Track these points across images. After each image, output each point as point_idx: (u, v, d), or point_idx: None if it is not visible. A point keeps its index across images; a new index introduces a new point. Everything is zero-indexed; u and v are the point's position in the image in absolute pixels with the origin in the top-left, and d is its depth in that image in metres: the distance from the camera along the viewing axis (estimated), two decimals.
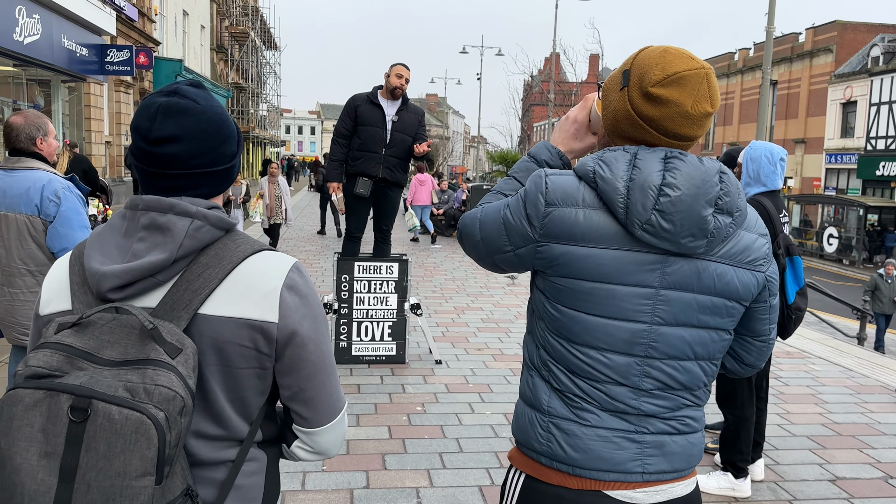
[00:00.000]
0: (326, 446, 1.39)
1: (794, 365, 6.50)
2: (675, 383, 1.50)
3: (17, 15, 11.57)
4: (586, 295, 1.44)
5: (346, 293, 5.87)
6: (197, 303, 1.20)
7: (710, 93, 1.45)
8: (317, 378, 1.32)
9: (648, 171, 1.41)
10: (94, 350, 1.14)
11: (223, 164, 1.31)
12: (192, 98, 1.26)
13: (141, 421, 1.06)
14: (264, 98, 48.12)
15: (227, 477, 1.27)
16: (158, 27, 26.06)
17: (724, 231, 1.45)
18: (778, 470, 4.16)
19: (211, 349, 1.22)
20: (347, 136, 5.94)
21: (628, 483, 1.49)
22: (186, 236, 1.21)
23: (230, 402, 1.26)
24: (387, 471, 3.92)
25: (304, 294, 1.30)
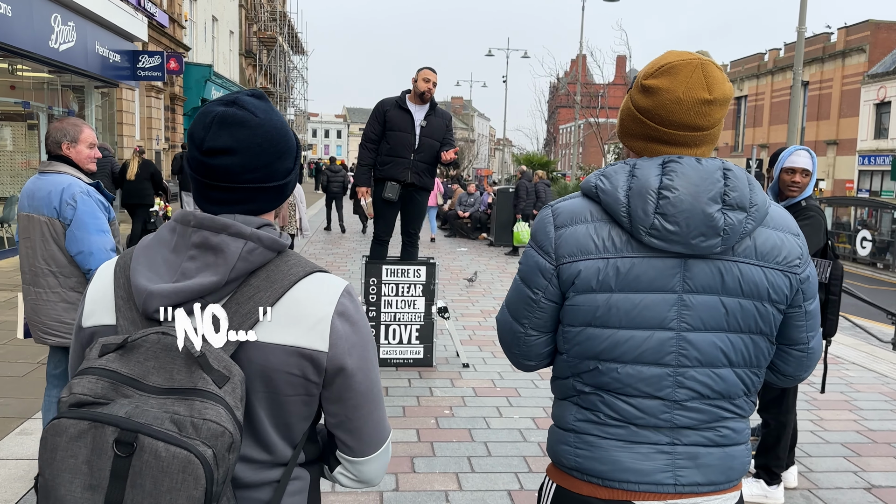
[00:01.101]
0: (370, 476, 1.37)
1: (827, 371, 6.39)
2: (711, 392, 1.47)
3: (52, 23, 11.82)
4: (608, 308, 1.44)
5: (373, 296, 5.90)
6: (246, 328, 1.16)
7: (706, 81, 1.44)
8: (364, 408, 1.29)
9: (646, 178, 1.43)
10: (139, 377, 1.10)
11: (278, 181, 1.26)
12: (250, 110, 1.22)
13: (189, 460, 1.02)
14: (292, 102, 48.56)
15: (272, 497, 1.25)
16: (188, 33, 26.45)
17: (740, 228, 1.41)
18: (812, 477, 4.09)
19: (259, 376, 1.18)
20: (376, 141, 5.97)
21: (659, 494, 1.47)
22: (240, 259, 1.17)
23: (275, 428, 1.23)
24: (416, 474, 3.94)
25: (356, 321, 1.26)
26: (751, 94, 43.46)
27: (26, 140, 12.60)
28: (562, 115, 63.74)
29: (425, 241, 16.00)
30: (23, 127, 12.57)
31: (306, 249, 13.47)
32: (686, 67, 1.44)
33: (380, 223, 6.19)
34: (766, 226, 1.47)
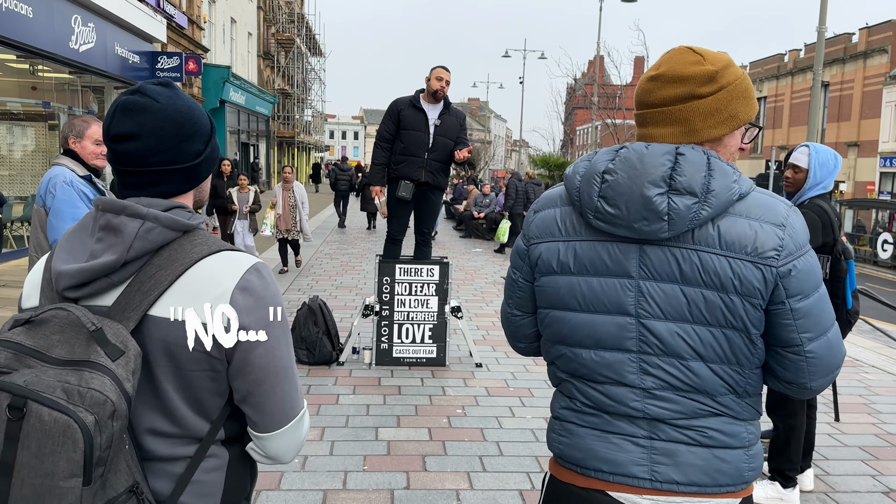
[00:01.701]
0: (275, 452, 1.36)
1: (845, 373, 6.31)
2: (683, 384, 1.42)
3: (73, 24, 11.96)
4: (569, 290, 1.48)
5: (387, 295, 5.90)
6: (146, 304, 1.21)
7: (660, 61, 1.49)
8: (265, 383, 1.29)
9: (597, 162, 1.47)
10: (43, 349, 1.16)
11: (185, 163, 1.30)
12: (152, 96, 1.27)
13: (68, 424, 1.08)
14: (309, 104, 48.77)
15: (184, 472, 1.28)
16: (207, 34, 26.65)
17: (688, 213, 1.36)
18: (828, 481, 4.04)
19: (161, 351, 1.23)
20: (390, 140, 5.98)
21: (633, 487, 1.46)
22: (137, 238, 1.22)
23: (186, 402, 1.27)
24: (427, 472, 3.93)
25: (261, 296, 1.27)
26: (770, 96, 43.05)
27: (47, 140, 12.76)
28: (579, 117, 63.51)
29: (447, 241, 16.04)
30: (44, 127, 12.73)
31: (322, 249, 13.52)
32: (666, 54, 1.50)
33: (393, 222, 6.19)
34: (738, 214, 1.39)
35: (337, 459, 4.04)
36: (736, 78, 1.47)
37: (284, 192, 10.29)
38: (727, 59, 1.48)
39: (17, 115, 12.18)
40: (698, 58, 1.46)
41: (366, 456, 4.10)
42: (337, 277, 10.35)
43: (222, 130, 27.96)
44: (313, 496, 3.59)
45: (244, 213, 10.14)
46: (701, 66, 1.44)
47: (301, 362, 5.84)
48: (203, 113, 1.35)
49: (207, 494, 1.32)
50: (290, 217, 10.16)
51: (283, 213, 10.15)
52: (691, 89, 1.44)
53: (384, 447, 4.24)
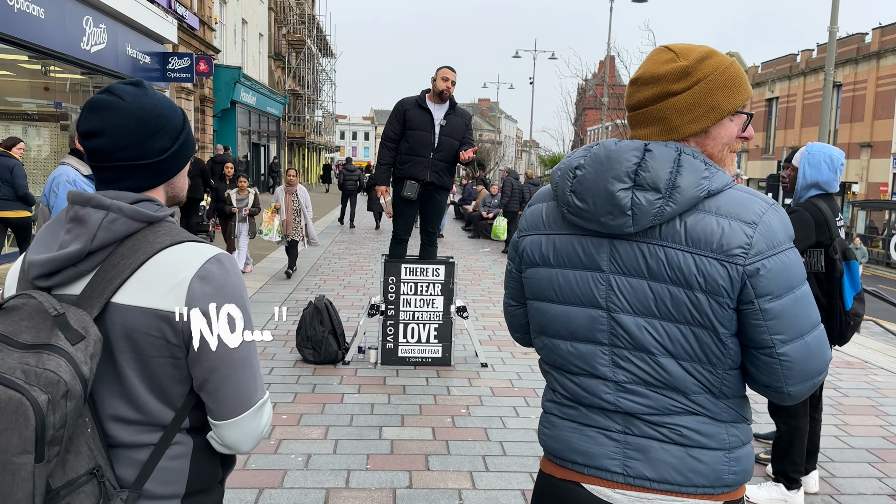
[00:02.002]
0: (232, 441, 1.37)
1: (854, 375, 6.27)
2: (654, 380, 1.42)
3: (84, 25, 12.04)
4: (549, 282, 1.52)
5: (392, 295, 5.91)
6: (109, 292, 1.26)
7: (642, 64, 1.52)
8: (220, 371, 1.32)
9: (572, 158, 1.50)
10: (11, 333, 1.21)
11: (150, 158, 1.35)
12: (118, 95, 1.33)
13: (21, 402, 1.13)
14: (320, 104, 48.90)
15: (148, 459, 1.31)
16: (218, 35, 26.77)
17: (651, 208, 1.36)
18: (834, 483, 4.01)
19: (122, 337, 1.27)
20: (395, 140, 5.98)
21: (606, 481, 1.47)
22: (100, 228, 1.27)
23: (149, 389, 1.30)
24: (430, 471, 3.93)
25: (219, 285, 1.31)
26: (782, 96, 42.77)
27: (59, 140, 12.85)
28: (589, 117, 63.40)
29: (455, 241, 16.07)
30: (56, 127, 12.82)
31: (330, 249, 13.56)
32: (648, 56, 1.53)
33: (399, 222, 6.20)
34: (707, 211, 1.37)
35: (340, 458, 4.05)
36: (714, 69, 1.45)
37: (288, 195, 9.78)
38: (704, 52, 1.46)
39: (30, 115, 12.29)
40: (671, 55, 1.46)
41: (369, 455, 4.11)
42: (345, 277, 10.37)
43: (233, 131, 28.08)
44: (316, 494, 3.60)
45: (243, 215, 9.85)
46: (673, 63, 1.44)
47: (307, 361, 5.86)
48: (174, 111, 1.39)
49: (172, 482, 1.34)
50: (292, 221, 9.80)
51: (287, 217, 9.73)
52: (664, 88, 1.44)
53: (388, 446, 4.25)
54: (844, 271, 3.53)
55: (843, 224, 3.76)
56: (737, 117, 1.50)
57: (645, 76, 1.47)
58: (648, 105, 1.47)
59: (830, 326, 3.57)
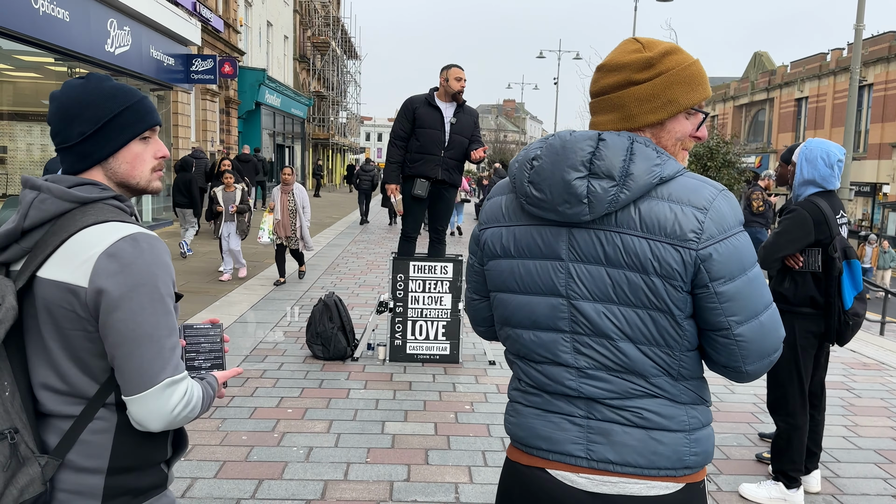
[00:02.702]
0: (140, 417, 1.40)
1: (869, 377, 6.17)
2: (614, 364, 1.44)
3: (108, 27, 12.28)
4: (510, 274, 1.54)
5: (401, 292, 5.95)
6: (34, 266, 1.37)
7: (611, 52, 1.55)
8: (124, 347, 1.36)
9: (529, 149, 1.53)
10: None
11: (71, 142, 1.47)
12: (61, 88, 1.49)
13: None
14: (345, 106, 49.21)
15: (69, 429, 1.39)
16: (243, 37, 27.09)
17: (606, 196, 1.39)
18: (837, 483, 3.96)
19: (44, 309, 1.38)
20: (405, 139, 6.02)
21: (570, 466, 1.49)
22: (31, 207, 1.40)
23: (71, 361, 1.39)
24: (428, 465, 3.96)
25: (127, 262, 1.36)
26: (812, 96, 42.09)
27: None
28: None
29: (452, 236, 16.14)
30: None
31: (349, 249, 13.66)
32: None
33: (408, 220, 6.24)
34: (660, 198, 1.40)
35: (341, 451, 4.10)
36: (677, 65, 1.48)
37: (283, 195, 9.06)
38: (670, 47, 1.49)
39: None
40: (638, 46, 1.49)
41: (370, 448, 4.15)
42: (361, 276, 10.45)
43: (258, 132, 28.38)
44: (314, 486, 3.65)
45: (230, 213, 9.32)
46: (639, 53, 1.48)
47: (316, 357, 5.93)
48: (111, 99, 1.47)
49: (94, 455, 1.40)
50: (289, 223, 9.08)
51: (282, 218, 9.06)
52: (627, 76, 1.47)
53: (389, 441, 4.29)
54: (844, 270, 3.50)
55: (847, 222, 3.71)
56: (693, 116, 1.53)
57: (610, 64, 1.50)
58: (611, 92, 1.50)
59: (828, 326, 3.54)
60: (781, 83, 44.01)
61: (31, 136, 11.80)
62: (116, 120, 1.48)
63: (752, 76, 47.39)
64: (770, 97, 45.45)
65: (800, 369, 3.63)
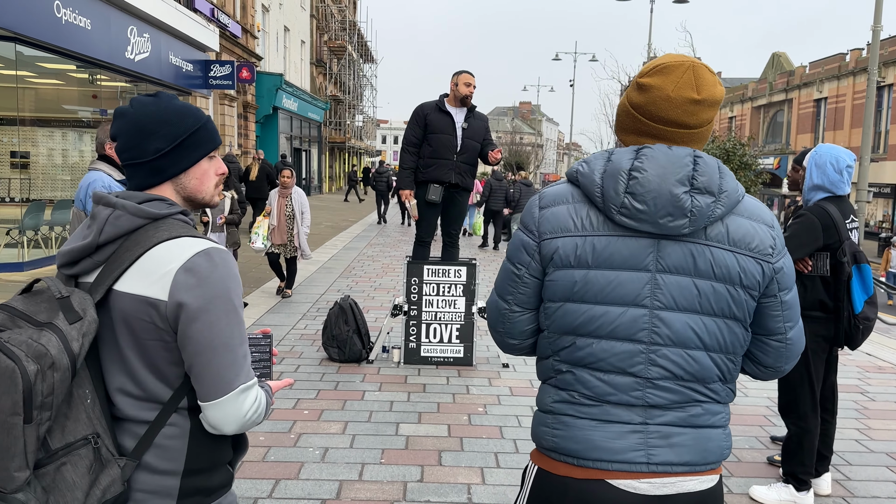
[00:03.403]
0: (215, 421, 1.48)
1: (884, 380, 6.16)
2: (684, 373, 1.51)
3: (128, 34, 12.49)
4: (585, 284, 1.52)
5: (415, 296, 6.03)
6: (110, 280, 1.44)
7: (696, 82, 1.52)
8: (203, 355, 1.44)
9: (619, 160, 1.52)
10: (32, 313, 1.39)
11: (145, 158, 1.52)
12: (133, 104, 1.54)
13: (12, 369, 1.29)
14: (361, 109, 49.46)
15: (146, 432, 1.46)
16: (261, 43, 27.34)
17: (708, 211, 1.47)
18: (848, 486, 3.98)
19: (121, 321, 1.44)
20: (417, 145, 6.10)
21: (632, 473, 1.51)
22: (107, 223, 1.46)
23: (147, 368, 1.46)
24: (441, 466, 4.03)
25: (204, 276, 1.43)
26: (831, 97, 41.73)
27: None
28: None
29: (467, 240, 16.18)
30: None
31: (365, 252, 13.76)
32: (678, 68, 1.53)
33: (422, 225, 6.31)
34: (740, 214, 1.53)
35: (356, 452, 4.18)
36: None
37: (281, 199, 8.52)
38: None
39: (84, 122, 12.79)
40: (715, 78, 1.55)
41: (384, 450, 4.23)
42: (376, 279, 10.54)
43: (275, 136, 28.62)
44: (329, 486, 3.73)
45: (218, 224, 7.83)
46: (719, 86, 1.54)
47: (332, 359, 6.02)
48: (183, 118, 1.53)
49: (170, 458, 1.48)
50: (286, 229, 8.50)
51: (279, 223, 8.48)
52: (717, 111, 1.57)
53: (403, 442, 4.36)
54: (854, 274, 3.52)
55: (857, 227, 3.74)
56: None
57: (710, 99, 1.53)
58: (705, 125, 1.56)
59: (838, 329, 3.57)
60: (800, 84, 43.63)
61: (53, 142, 12.03)
62: (191, 138, 1.56)
63: (770, 77, 47.03)
64: (788, 98, 45.07)
65: (811, 373, 3.66)
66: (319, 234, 17.02)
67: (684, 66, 1.53)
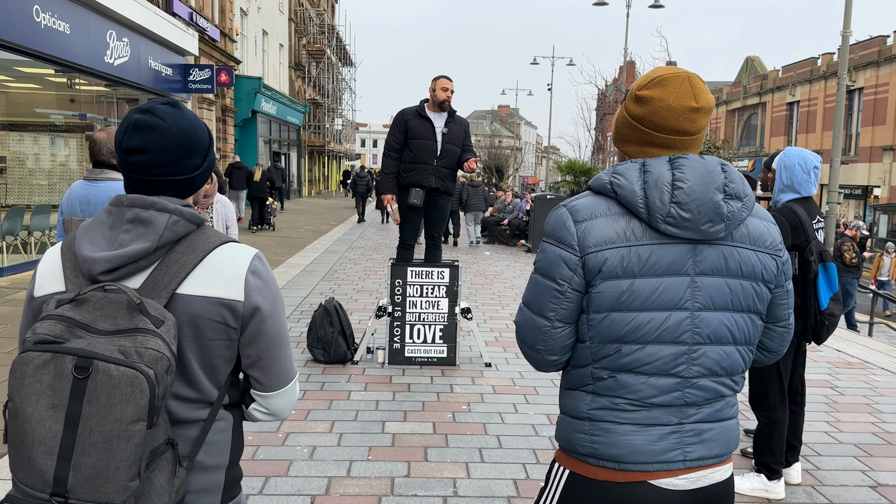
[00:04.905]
0: (278, 409, 1.62)
1: (853, 375, 6.37)
2: (720, 368, 1.63)
3: (108, 39, 12.46)
4: (631, 293, 1.57)
5: (399, 297, 6.13)
6: (175, 284, 1.43)
7: (693, 91, 1.63)
8: (273, 349, 1.55)
9: (659, 172, 1.59)
10: (90, 322, 1.34)
11: (186, 174, 1.52)
12: (160, 116, 1.48)
13: (136, 376, 1.28)
14: (340, 113, 49.41)
15: (199, 434, 1.50)
16: (239, 46, 27.27)
17: (739, 215, 1.60)
18: (818, 475, 4.15)
19: (187, 323, 1.44)
20: (398, 150, 6.21)
21: (671, 472, 1.62)
22: (166, 229, 1.44)
23: (203, 370, 1.49)
24: (427, 462, 4.14)
25: (265, 278, 1.54)
26: (803, 100, 42.49)
27: (83, 151, 13.27)
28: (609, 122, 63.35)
29: (464, 245, 16.29)
30: (80, 138, 13.25)
31: (347, 255, 13.83)
32: (675, 80, 1.64)
33: (405, 228, 6.43)
34: (754, 215, 1.68)
35: (344, 450, 4.27)
36: None
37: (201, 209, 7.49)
38: None
39: (58, 126, 12.73)
40: (706, 86, 1.68)
41: (371, 447, 4.33)
42: (359, 282, 10.62)
43: (254, 140, 28.55)
44: (318, 482, 3.83)
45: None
46: (710, 94, 1.67)
47: (317, 361, 6.10)
48: (204, 130, 1.57)
49: (219, 453, 1.55)
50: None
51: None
52: (710, 117, 1.70)
53: (389, 439, 4.46)
54: (820, 273, 3.70)
55: (822, 227, 3.92)
56: None
57: (707, 106, 1.63)
58: (702, 131, 1.67)
59: (805, 325, 3.74)
60: (773, 87, 44.37)
61: (31, 146, 11.96)
62: (211, 151, 1.59)
63: (744, 80, 47.75)
64: (762, 101, 45.80)
65: (779, 367, 3.82)
66: (300, 237, 17.05)
67: (680, 77, 1.63)
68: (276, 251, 14.08)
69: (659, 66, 1.74)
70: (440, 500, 3.67)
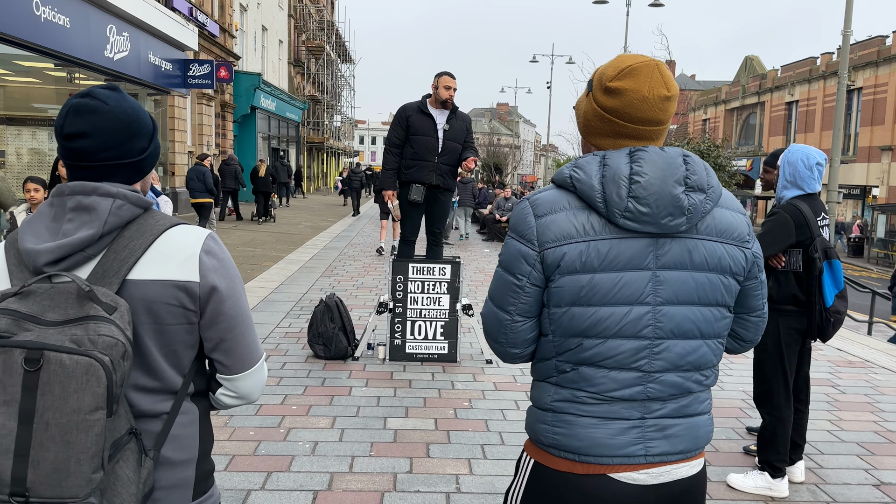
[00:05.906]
0: (247, 391, 1.58)
1: (854, 374, 6.37)
2: (686, 363, 1.59)
3: (108, 33, 12.42)
4: (591, 288, 1.54)
5: (400, 293, 6.12)
6: (125, 270, 1.38)
7: (663, 80, 1.58)
8: (235, 330, 1.51)
9: (617, 165, 1.55)
10: (37, 314, 1.29)
11: (132, 157, 1.47)
12: (101, 99, 1.43)
13: (90, 364, 1.24)
14: (339, 110, 49.36)
15: (162, 428, 1.45)
16: (239, 42, 27.22)
17: (701, 207, 1.55)
18: (821, 473, 4.14)
19: (143, 310, 1.39)
20: (399, 146, 6.19)
21: (631, 465, 1.59)
22: (110, 214, 1.38)
23: (164, 357, 1.44)
24: (430, 458, 4.13)
25: (221, 258, 1.50)
26: (802, 100, 42.52)
27: None
28: None
29: (456, 240, 16.29)
30: None
31: (346, 252, 13.81)
32: (645, 69, 1.58)
33: (406, 224, 6.41)
34: (721, 206, 1.63)
35: (346, 445, 4.26)
36: None
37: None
38: None
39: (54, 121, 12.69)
40: (671, 73, 1.64)
41: (373, 443, 4.32)
42: (358, 278, 10.61)
43: (253, 136, 28.51)
44: (321, 477, 3.81)
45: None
46: (675, 81, 1.64)
47: (318, 357, 6.08)
48: (146, 114, 1.53)
49: (188, 447, 1.50)
50: None
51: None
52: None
53: (391, 435, 4.45)
54: (825, 269, 3.68)
55: (827, 224, 3.90)
56: None
57: (676, 94, 1.59)
58: (670, 119, 1.63)
59: (810, 323, 3.73)
60: (772, 87, 44.39)
61: (22, 140, 11.91)
62: (156, 134, 1.54)
63: (743, 80, 47.77)
64: (761, 101, 45.83)
65: (784, 365, 3.81)
66: (299, 234, 17.04)
67: (650, 66, 1.56)
68: (276, 247, 14.07)
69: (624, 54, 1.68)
70: (443, 496, 3.66)
